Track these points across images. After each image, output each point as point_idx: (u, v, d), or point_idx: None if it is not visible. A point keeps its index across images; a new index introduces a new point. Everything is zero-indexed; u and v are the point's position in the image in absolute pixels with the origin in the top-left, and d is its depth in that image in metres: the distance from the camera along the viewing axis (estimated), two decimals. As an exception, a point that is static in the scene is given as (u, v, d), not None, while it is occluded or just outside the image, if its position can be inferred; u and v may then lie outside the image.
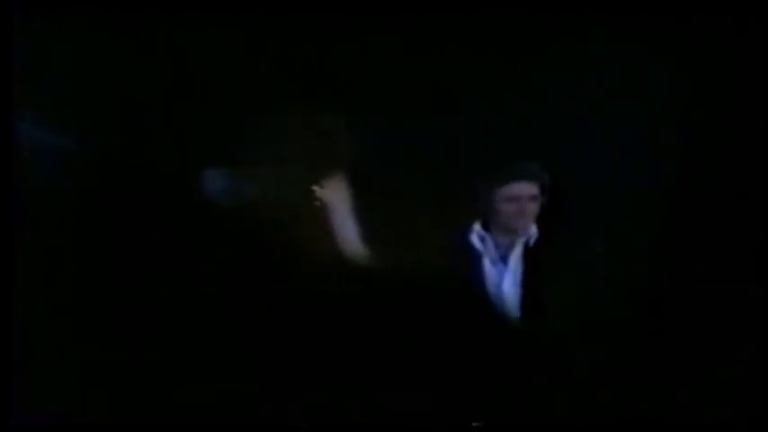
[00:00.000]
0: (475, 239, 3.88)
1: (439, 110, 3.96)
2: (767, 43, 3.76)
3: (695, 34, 3.81)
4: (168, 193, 3.54)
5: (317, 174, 3.69)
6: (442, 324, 3.62)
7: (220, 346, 3.48)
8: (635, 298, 3.81)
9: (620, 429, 3.61)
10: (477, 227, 3.90)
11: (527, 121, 3.95)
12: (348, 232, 3.68)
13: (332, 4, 3.78)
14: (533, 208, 3.86)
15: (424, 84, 3.93)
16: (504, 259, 3.87)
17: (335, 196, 3.68)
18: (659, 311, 3.79)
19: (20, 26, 3.49)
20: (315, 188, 3.66)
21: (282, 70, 3.81)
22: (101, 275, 3.58)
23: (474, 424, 3.57)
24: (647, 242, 3.89)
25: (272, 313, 3.52)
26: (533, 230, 3.86)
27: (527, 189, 3.85)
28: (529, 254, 3.86)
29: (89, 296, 3.56)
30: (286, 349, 3.51)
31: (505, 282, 3.85)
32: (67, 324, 3.55)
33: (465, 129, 3.98)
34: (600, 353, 3.74)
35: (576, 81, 3.94)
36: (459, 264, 3.87)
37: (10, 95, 3.46)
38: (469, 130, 3.98)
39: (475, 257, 3.87)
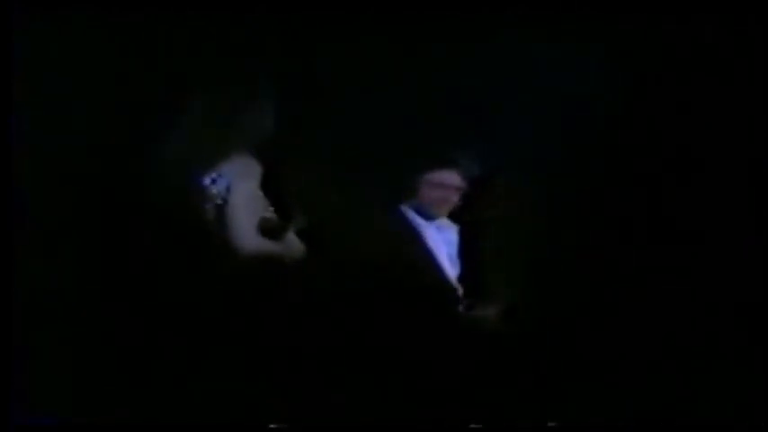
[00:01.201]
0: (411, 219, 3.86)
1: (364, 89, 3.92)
2: (767, 43, 3.77)
3: (695, 34, 3.82)
4: (168, 192, 3.54)
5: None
6: (401, 308, 3.62)
7: (220, 346, 3.48)
8: (631, 296, 3.82)
9: (620, 429, 3.61)
10: (405, 207, 3.87)
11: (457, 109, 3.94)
12: (245, 222, 3.54)
13: None
14: (455, 198, 3.84)
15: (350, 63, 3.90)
16: (441, 234, 3.86)
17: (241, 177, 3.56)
18: (658, 311, 3.80)
19: (20, 26, 3.49)
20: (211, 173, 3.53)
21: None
22: (101, 275, 3.58)
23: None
24: (645, 239, 3.90)
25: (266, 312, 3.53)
26: (446, 220, 3.85)
27: (454, 178, 3.84)
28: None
29: (89, 296, 3.57)
30: (281, 348, 3.52)
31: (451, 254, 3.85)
32: (67, 324, 3.56)
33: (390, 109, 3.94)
34: (598, 353, 3.75)
35: (547, 75, 3.94)
36: (407, 244, 3.84)
37: (10, 95, 3.47)
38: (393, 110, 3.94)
39: (416, 235, 3.84)
